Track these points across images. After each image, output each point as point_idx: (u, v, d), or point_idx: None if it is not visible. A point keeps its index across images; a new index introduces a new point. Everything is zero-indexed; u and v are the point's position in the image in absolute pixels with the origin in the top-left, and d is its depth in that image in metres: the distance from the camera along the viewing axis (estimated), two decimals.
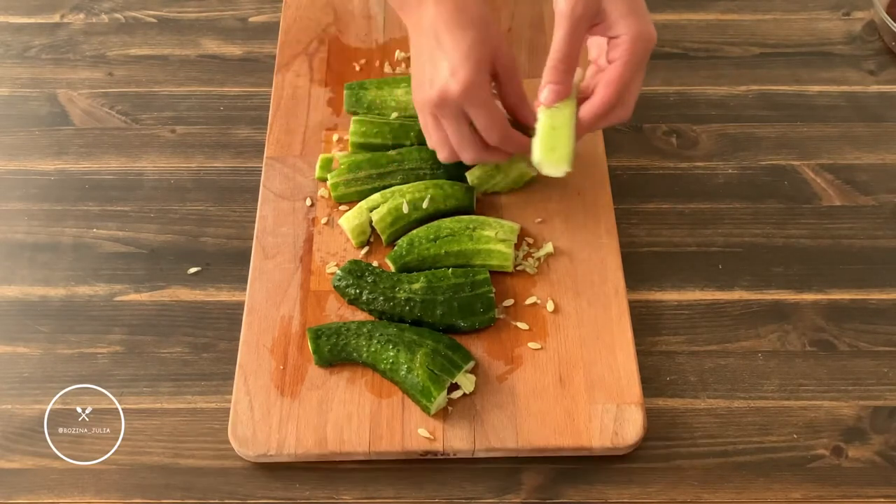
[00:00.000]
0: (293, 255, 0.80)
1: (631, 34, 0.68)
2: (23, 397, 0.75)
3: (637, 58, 0.69)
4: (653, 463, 0.71)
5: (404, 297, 0.74)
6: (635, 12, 0.68)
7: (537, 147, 0.72)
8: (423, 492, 0.70)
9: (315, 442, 0.70)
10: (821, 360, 0.76)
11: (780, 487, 0.70)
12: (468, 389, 0.72)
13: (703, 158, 0.89)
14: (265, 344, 0.75)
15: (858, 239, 0.83)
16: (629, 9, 0.68)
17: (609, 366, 0.73)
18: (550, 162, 0.72)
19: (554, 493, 0.70)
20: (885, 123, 0.92)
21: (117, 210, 0.85)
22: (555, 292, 0.78)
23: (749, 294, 0.80)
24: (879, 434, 0.73)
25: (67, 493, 0.70)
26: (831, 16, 1.01)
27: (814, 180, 0.87)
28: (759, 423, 0.73)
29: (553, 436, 0.70)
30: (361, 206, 0.80)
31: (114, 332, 0.78)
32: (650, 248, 0.83)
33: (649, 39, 0.69)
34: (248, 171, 0.88)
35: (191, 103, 0.93)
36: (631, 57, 0.69)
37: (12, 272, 0.81)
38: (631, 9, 0.68)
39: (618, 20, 0.68)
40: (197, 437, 0.73)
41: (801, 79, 0.95)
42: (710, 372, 0.76)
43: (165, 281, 0.81)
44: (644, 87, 0.93)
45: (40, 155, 0.89)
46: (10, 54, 0.98)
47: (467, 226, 0.78)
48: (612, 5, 0.68)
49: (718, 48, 0.98)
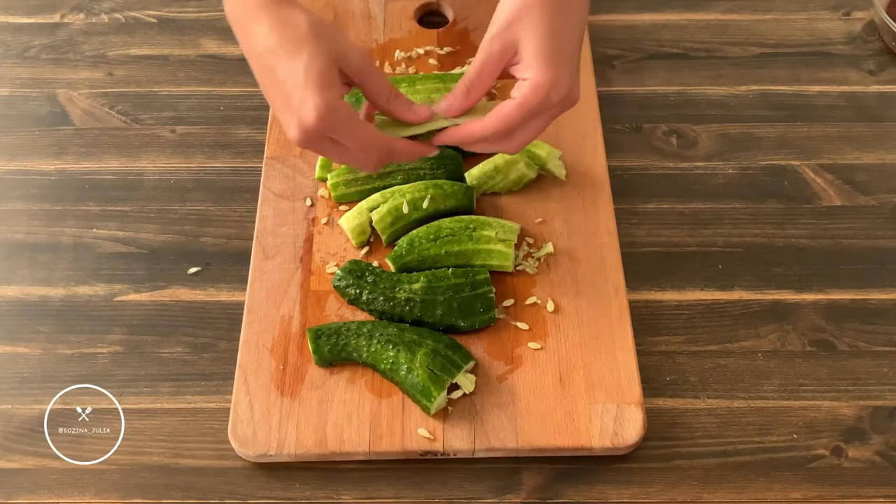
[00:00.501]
0: (293, 255, 0.80)
1: (534, 81, 0.65)
2: (23, 397, 0.75)
3: (533, 104, 0.66)
4: (653, 463, 0.71)
5: (404, 297, 0.74)
6: (550, 61, 0.65)
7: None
8: (423, 492, 0.70)
9: (315, 442, 0.70)
10: (821, 360, 0.76)
11: (780, 487, 0.70)
12: (468, 389, 0.72)
13: (703, 158, 0.89)
14: (265, 344, 0.75)
15: (858, 239, 0.83)
16: (545, 57, 0.65)
17: (609, 366, 0.73)
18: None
19: (554, 493, 0.70)
20: (885, 123, 0.92)
21: (117, 210, 0.85)
22: (555, 292, 0.78)
23: (749, 294, 0.80)
24: (879, 434, 0.73)
25: (67, 493, 0.70)
26: (831, 16, 1.01)
27: (814, 180, 0.87)
28: (759, 423, 0.73)
29: (553, 436, 0.70)
30: (361, 206, 0.80)
31: (114, 332, 0.78)
32: (650, 248, 0.83)
33: (555, 91, 0.65)
34: (248, 171, 0.88)
35: (191, 103, 0.93)
36: (525, 101, 0.66)
37: (12, 272, 0.82)
38: (547, 58, 0.65)
39: (530, 65, 0.65)
40: (197, 437, 0.73)
41: (801, 79, 0.95)
42: (710, 372, 0.76)
43: (165, 281, 0.81)
44: (644, 87, 0.94)
45: (40, 155, 0.89)
46: (10, 54, 0.98)
47: (467, 226, 0.78)
48: (529, 50, 0.65)
49: (718, 48, 0.98)
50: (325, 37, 0.64)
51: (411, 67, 0.93)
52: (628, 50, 0.98)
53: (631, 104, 0.93)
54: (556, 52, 0.66)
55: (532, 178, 0.83)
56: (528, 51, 0.65)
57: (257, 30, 0.65)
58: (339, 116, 0.64)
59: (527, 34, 0.65)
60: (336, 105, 0.63)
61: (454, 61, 0.93)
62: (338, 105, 0.63)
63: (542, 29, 0.65)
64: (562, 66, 0.66)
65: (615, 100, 0.93)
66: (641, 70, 0.96)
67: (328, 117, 0.63)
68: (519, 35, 0.65)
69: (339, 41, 0.65)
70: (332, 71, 0.64)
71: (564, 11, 0.66)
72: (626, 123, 0.91)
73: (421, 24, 0.97)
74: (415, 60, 0.93)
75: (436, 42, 0.95)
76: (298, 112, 0.63)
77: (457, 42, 0.95)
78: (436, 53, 0.94)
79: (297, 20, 0.64)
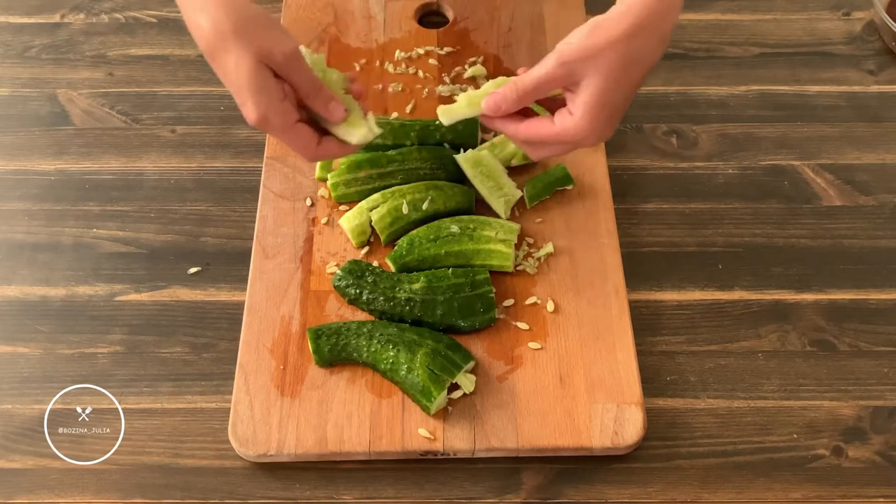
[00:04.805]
0: (293, 255, 0.80)
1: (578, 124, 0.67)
2: (23, 397, 0.75)
3: (567, 139, 0.68)
4: (653, 463, 0.71)
5: (404, 297, 0.74)
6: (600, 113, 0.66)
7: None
8: (423, 492, 0.70)
9: (315, 442, 0.70)
10: (821, 360, 0.76)
11: (781, 487, 0.70)
12: (468, 389, 0.72)
13: (703, 158, 0.89)
14: (265, 344, 0.75)
15: (858, 239, 0.83)
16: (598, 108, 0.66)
17: (609, 366, 0.73)
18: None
19: (554, 493, 0.70)
20: (885, 123, 0.92)
21: (117, 210, 0.85)
22: (555, 292, 0.78)
23: (749, 294, 0.80)
24: (879, 434, 0.73)
25: (67, 493, 0.70)
26: (831, 16, 1.01)
27: (814, 180, 0.87)
28: (759, 423, 0.73)
29: (553, 436, 0.70)
30: (361, 206, 0.80)
31: (114, 332, 0.78)
32: (650, 248, 0.83)
33: (592, 138, 0.68)
34: (249, 171, 0.88)
35: (191, 103, 0.93)
36: (562, 133, 0.68)
37: (12, 272, 0.82)
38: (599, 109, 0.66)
39: (581, 107, 0.66)
40: (197, 437, 0.73)
41: (801, 79, 0.95)
42: (710, 372, 0.76)
43: (165, 281, 0.81)
44: (644, 87, 0.94)
45: (40, 155, 0.89)
46: (10, 54, 0.98)
47: (467, 226, 0.78)
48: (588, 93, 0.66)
49: (718, 48, 0.98)
50: (249, 35, 0.65)
51: (411, 67, 0.93)
52: None
53: (631, 104, 0.92)
54: (610, 105, 0.67)
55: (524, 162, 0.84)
56: (586, 92, 0.66)
57: (198, 20, 0.66)
58: (274, 122, 0.67)
59: (594, 76, 0.65)
60: (268, 113, 0.66)
61: (454, 61, 0.93)
62: (269, 113, 0.66)
63: (610, 80, 0.65)
64: (608, 120, 0.67)
65: None
66: None
67: (263, 122, 0.66)
68: (588, 73, 0.65)
69: (265, 38, 0.65)
70: (261, 71, 0.65)
71: (636, 69, 0.66)
72: (626, 123, 0.91)
73: (421, 24, 0.97)
74: (415, 60, 0.93)
75: (436, 42, 0.95)
76: (243, 109, 0.67)
77: (457, 42, 0.95)
78: (436, 53, 0.94)
79: (220, 17, 0.65)
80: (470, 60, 0.93)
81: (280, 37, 0.66)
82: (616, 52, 0.64)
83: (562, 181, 0.83)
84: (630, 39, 0.64)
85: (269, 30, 0.66)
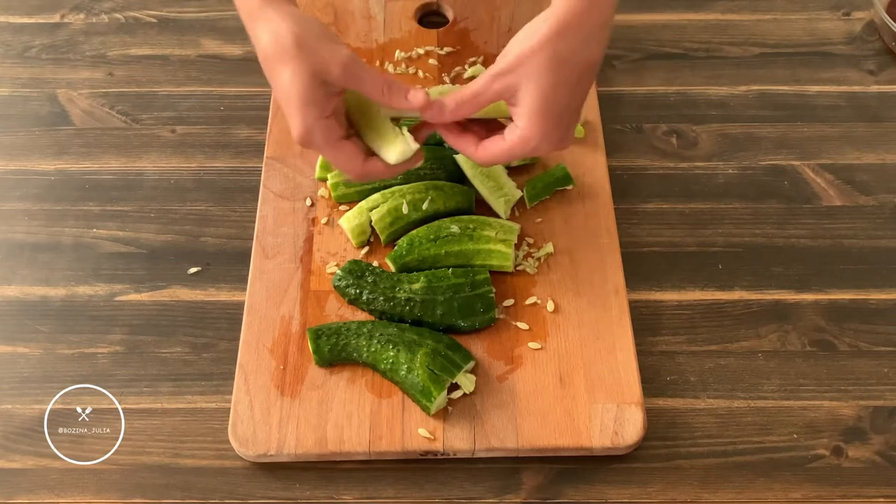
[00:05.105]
0: (293, 255, 0.80)
1: (524, 134, 0.67)
2: (23, 397, 0.75)
3: (518, 152, 0.68)
4: (653, 463, 0.71)
5: (404, 297, 0.74)
6: (544, 117, 0.66)
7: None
8: (423, 492, 0.70)
9: (315, 442, 0.70)
10: (821, 360, 0.76)
11: (781, 487, 0.70)
12: (468, 389, 0.72)
13: (703, 158, 0.89)
14: (265, 344, 0.75)
15: (858, 239, 0.83)
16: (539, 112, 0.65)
17: (609, 366, 0.73)
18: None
19: (554, 493, 0.70)
20: (885, 123, 0.92)
21: (117, 210, 0.85)
22: (555, 292, 0.78)
23: (749, 294, 0.80)
24: (879, 434, 0.73)
25: (67, 493, 0.70)
26: (831, 16, 1.01)
27: (814, 180, 0.87)
28: (759, 423, 0.73)
29: (553, 436, 0.70)
30: (361, 206, 0.80)
31: (114, 332, 0.78)
32: (650, 248, 0.83)
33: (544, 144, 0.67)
34: (248, 171, 0.88)
35: (191, 103, 0.93)
36: (511, 148, 0.68)
37: (12, 272, 0.82)
38: (541, 113, 0.66)
39: (523, 116, 0.66)
40: (197, 437, 0.73)
41: (801, 79, 0.95)
42: (710, 372, 0.76)
43: (165, 281, 0.81)
44: (644, 87, 0.94)
45: (40, 155, 0.89)
46: (10, 54, 0.98)
47: (467, 226, 0.78)
48: (526, 101, 0.66)
49: (718, 48, 0.98)
50: (308, 50, 0.65)
51: (411, 67, 0.93)
52: (628, 50, 0.98)
53: (631, 104, 0.93)
54: (552, 106, 0.66)
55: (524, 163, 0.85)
56: (525, 101, 0.66)
57: (256, 32, 0.67)
58: (317, 137, 0.67)
59: (527, 84, 0.65)
60: (312, 128, 0.66)
61: (454, 61, 0.93)
62: (313, 127, 0.66)
63: (543, 82, 0.65)
64: (555, 122, 0.67)
65: (615, 100, 0.93)
66: (641, 70, 0.96)
67: (307, 136, 0.66)
68: (521, 81, 0.65)
69: (322, 54, 0.65)
70: (314, 87, 0.65)
71: (570, 66, 0.65)
72: (626, 123, 0.91)
73: (421, 24, 0.97)
74: (415, 60, 0.93)
75: (436, 42, 0.95)
76: (290, 122, 0.67)
77: (457, 42, 0.95)
78: (436, 53, 0.94)
79: (283, 31, 0.65)
80: (470, 60, 0.93)
81: (335, 48, 0.66)
82: (544, 55, 0.64)
83: (562, 181, 0.83)
84: (555, 41, 0.64)
85: (327, 43, 0.66)
